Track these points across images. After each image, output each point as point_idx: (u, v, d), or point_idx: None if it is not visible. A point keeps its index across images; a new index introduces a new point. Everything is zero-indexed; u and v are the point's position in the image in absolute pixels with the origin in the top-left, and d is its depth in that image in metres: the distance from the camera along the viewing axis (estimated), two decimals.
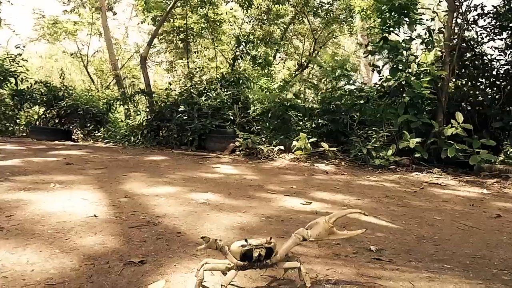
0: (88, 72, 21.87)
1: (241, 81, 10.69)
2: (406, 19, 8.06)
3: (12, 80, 12.91)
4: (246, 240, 1.73)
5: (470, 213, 3.79)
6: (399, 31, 8.48)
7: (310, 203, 3.75)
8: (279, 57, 20.46)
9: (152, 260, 1.97)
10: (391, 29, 8.17)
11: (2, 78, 12.67)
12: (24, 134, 13.30)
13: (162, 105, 10.85)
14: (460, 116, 6.98)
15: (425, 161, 7.35)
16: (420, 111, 7.55)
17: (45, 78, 18.09)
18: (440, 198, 4.60)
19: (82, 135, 13.49)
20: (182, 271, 1.87)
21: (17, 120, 13.71)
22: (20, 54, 13.09)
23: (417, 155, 7.28)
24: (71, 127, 13.61)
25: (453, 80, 9.05)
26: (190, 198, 3.59)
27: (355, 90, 9.36)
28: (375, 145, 7.74)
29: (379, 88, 8.66)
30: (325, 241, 2.39)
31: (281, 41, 17.83)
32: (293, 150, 8.27)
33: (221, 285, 1.59)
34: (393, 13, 8.02)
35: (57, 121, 13.74)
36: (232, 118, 9.76)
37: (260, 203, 3.62)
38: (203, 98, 10.04)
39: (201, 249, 1.73)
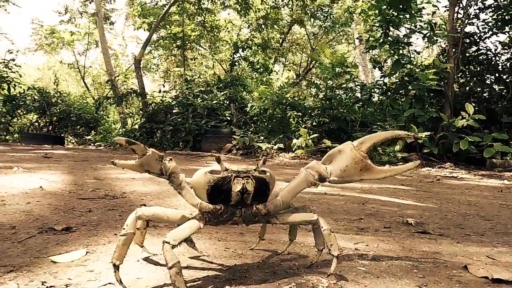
0: (85, 83, 21.60)
1: (238, 82, 10.32)
2: (407, 15, 7.75)
3: (5, 86, 12.56)
4: (217, 161, 1.07)
5: (504, 197, 3.33)
6: (399, 27, 8.18)
7: (316, 185, 3.28)
8: (277, 70, 20.24)
9: (87, 229, 1.62)
10: (391, 24, 7.85)
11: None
12: (17, 141, 12.89)
13: (156, 107, 10.46)
14: (470, 107, 6.57)
15: (434, 157, 6.88)
16: (426, 105, 7.15)
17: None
18: (461, 187, 4.13)
19: (74, 141, 13.06)
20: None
21: (10, 128, 13.30)
22: (13, 60, 12.77)
23: (426, 150, 6.82)
24: (63, 133, 13.22)
25: (458, 76, 8.69)
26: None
27: (356, 87, 8.98)
28: None
29: (381, 84, 8.29)
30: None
31: (280, 47, 17.62)
32: (293, 149, 7.82)
33: (164, 241, 0.96)
34: (392, 10, 7.73)
35: (50, 128, 13.36)
36: (228, 118, 9.35)
37: None
38: (199, 100, 9.65)
39: (118, 163, 1.03)
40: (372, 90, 8.67)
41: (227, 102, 9.81)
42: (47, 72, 30.40)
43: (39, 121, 13.36)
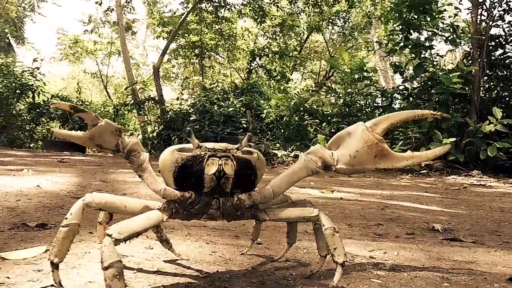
0: (107, 92, 22.07)
1: (254, 88, 10.24)
2: (428, 18, 7.49)
3: (30, 93, 12.93)
4: (188, 135, 0.87)
5: None
6: (420, 31, 7.91)
7: (332, 191, 3.10)
8: (296, 78, 20.09)
9: None
10: (411, 27, 7.60)
11: (20, 92, 12.71)
12: (40, 148, 13.20)
13: (174, 115, 10.49)
14: (498, 112, 6.23)
15: (460, 165, 6.53)
16: (451, 110, 6.84)
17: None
18: (491, 194, 3.85)
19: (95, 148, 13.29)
20: (95, 240, 1.32)
21: (34, 135, 13.64)
22: (38, 68, 13.15)
23: (451, 158, 6.49)
24: None
25: (484, 80, 8.32)
26: None
27: (376, 92, 8.72)
28: (403, 147, 7.00)
29: (403, 89, 8.02)
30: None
31: (299, 55, 17.49)
32: None
33: (106, 233, 0.76)
34: (413, 12, 7.49)
35: None
36: (245, 125, 9.26)
37: None
38: (215, 107, 9.62)
39: (57, 132, 0.89)
40: (393, 96, 8.40)
41: (244, 109, 9.74)
42: (72, 81, 31.36)
43: (62, 129, 13.70)
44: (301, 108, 9.06)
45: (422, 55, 7.27)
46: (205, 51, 15.57)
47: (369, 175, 6.17)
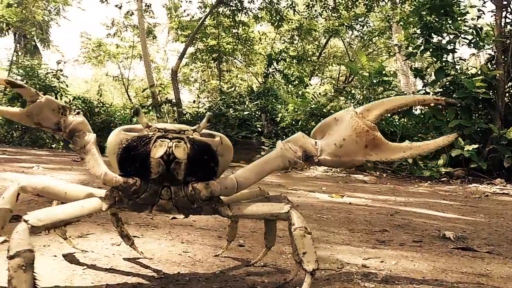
0: (128, 95, 22.51)
1: (269, 93, 10.19)
2: (450, 20, 7.24)
3: (53, 95, 13.29)
4: (135, 113, 0.77)
5: None
6: (442, 34, 7.65)
7: (343, 196, 2.98)
8: (315, 83, 19.91)
9: None
10: (432, 30, 7.35)
11: (43, 93, 13.11)
12: (61, 149, 13.51)
13: (190, 118, 10.56)
14: None
15: (482, 172, 6.24)
16: (473, 116, 6.56)
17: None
18: None
19: None
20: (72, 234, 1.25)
21: (55, 136, 14.01)
22: (61, 70, 13.51)
23: (473, 165, 6.21)
24: (105, 144, 13.75)
25: (509, 85, 7.96)
26: None
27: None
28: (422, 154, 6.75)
29: (423, 93, 7.76)
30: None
31: (317, 59, 17.33)
32: None
33: (23, 219, 0.67)
34: (434, 15, 7.26)
35: None
36: (259, 129, 9.20)
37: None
38: (231, 110, 9.62)
39: None
40: None
41: (259, 113, 9.69)
42: (95, 84, 32.21)
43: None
44: (318, 113, 8.93)
45: (444, 59, 7.02)
46: (223, 55, 15.65)
47: (386, 181, 5.98)
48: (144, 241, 1.30)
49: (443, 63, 7.03)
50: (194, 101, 11.44)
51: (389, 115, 8.50)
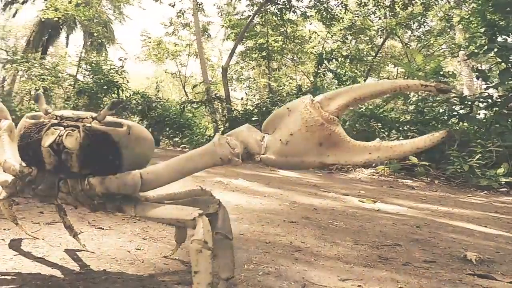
0: (185, 91, 23.46)
1: (318, 92, 9.99)
2: None
3: (115, 89, 14.26)
4: (35, 99, 0.76)
5: None
6: (508, 34, 6.93)
7: (375, 202, 2.84)
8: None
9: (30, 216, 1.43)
10: (497, 29, 6.69)
11: (106, 88, 14.12)
12: None
13: (238, 115, 10.75)
14: None
15: None
16: None
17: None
18: None
19: (167, 142, 14.17)
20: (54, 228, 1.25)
21: None
22: (122, 66, 14.43)
23: None
24: (160, 136, 14.48)
25: None
26: (214, 181, 3.03)
27: (455, 99, 7.89)
28: (480, 161, 6.21)
29: (486, 96, 7.14)
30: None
31: (374, 59, 16.67)
32: (373, 164, 7.16)
33: None
34: (498, 14, 6.61)
35: (150, 130, 14.77)
36: None
37: (298, 194, 2.90)
38: (277, 108, 9.64)
39: None
40: (474, 104, 7.52)
41: None
42: (155, 80, 33.96)
43: (140, 123, 14.86)
44: (368, 113, 8.61)
45: (510, 59, 6.39)
46: (272, 53, 15.67)
47: (437, 188, 5.60)
48: (104, 234, 1.26)
49: (509, 64, 6.40)
50: (241, 98, 11.60)
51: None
